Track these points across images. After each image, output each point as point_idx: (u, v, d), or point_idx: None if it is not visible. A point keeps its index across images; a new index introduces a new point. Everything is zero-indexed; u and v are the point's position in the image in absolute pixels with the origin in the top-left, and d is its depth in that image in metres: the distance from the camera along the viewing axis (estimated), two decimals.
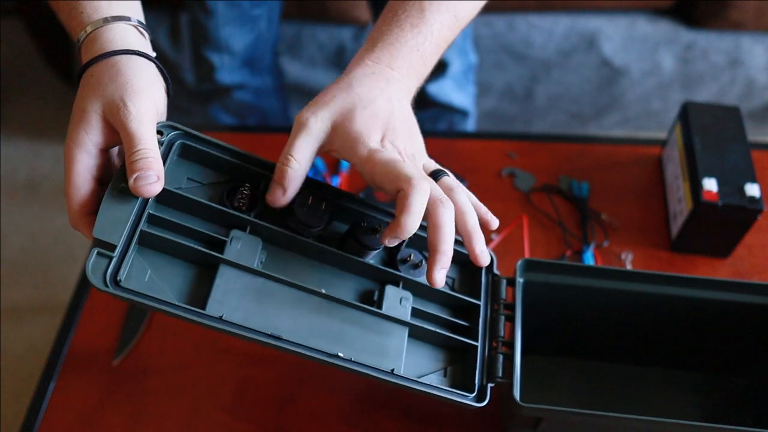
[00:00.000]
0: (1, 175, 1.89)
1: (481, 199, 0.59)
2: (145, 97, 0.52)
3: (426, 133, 0.63)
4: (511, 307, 0.65)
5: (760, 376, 0.75)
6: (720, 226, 0.83)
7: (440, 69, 1.36)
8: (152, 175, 0.50)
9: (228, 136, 1.08)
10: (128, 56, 0.54)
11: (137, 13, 0.59)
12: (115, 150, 0.56)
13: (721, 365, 0.77)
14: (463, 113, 1.47)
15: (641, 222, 0.91)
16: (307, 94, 1.72)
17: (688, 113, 0.89)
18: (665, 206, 0.93)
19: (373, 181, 0.54)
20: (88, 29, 0.56)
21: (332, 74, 1.68)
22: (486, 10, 0.70)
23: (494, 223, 0.58)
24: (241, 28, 1.26)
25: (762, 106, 1.80)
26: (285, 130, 0.62)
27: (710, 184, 0.81)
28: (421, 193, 0.51)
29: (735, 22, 1.62)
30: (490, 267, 0.66)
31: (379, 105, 0.56)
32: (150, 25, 0.59)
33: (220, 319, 0.52)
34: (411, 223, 0.51)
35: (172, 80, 0.58)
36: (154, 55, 0.58)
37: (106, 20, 0.56)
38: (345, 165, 0.96)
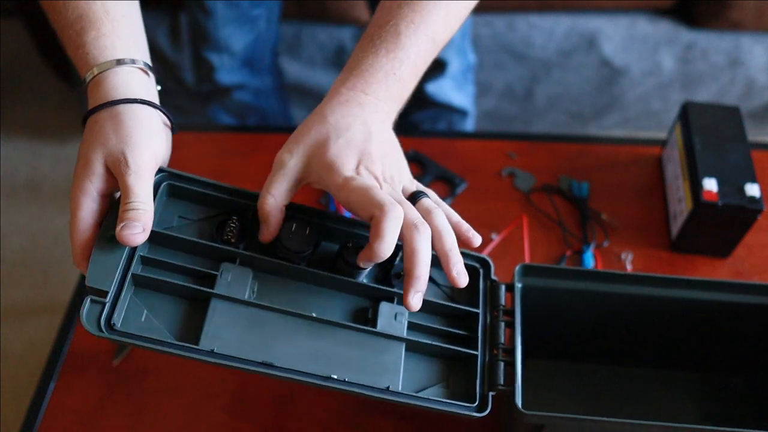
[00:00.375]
0: (1, 175, 1.89)
1: (481, 199, 0.59)
2: (144, 149, 0.55)
3: (425, 133, 0.63)
4: (510, 312, 0.64)
5: (761, 375, 0.75)
6: (720, 226, 0.83)
7: (439, 69, 1.36)
8: (138, 225, 0.52)
9: (228, 136, 1.08)
10: (130, 105, 0.56)
11: (141, 51, 0.61)
12: (118, 194, 0.57)
13: (722, 366, 0.77)
14: (462, 113, 1.47)
15: (641, 222, 0.91)
16: (308, 94, 1.72)
17: (688, 113, 0.89)
18: (665, 206, 0.93)
19: (349, 208, 0.55)
20: (95, 71, 0.58)
21: (332, 74, 1.68)
22: (486, 10, 0.70)
23: (476, 240, 0.59)
24: (241, 29, 1.26)
25: (762, 106, 1.80)
26: (285, 130, 0.63)
27: (710, 184, 0.81)
28: (393, 219, 0.52)
29: (735, 22, 1.62)
30: (487, 273, 0.65)
31: (353, 132, 0.57)
32: (150, 25, 0.60)
33: (211, 352, 0.53)
34: (383, 248, 0.52)
35: (172, 80, 0.59)
36: (158, 89, 0.61)
37: (111, 63, 0.58)
38: None
